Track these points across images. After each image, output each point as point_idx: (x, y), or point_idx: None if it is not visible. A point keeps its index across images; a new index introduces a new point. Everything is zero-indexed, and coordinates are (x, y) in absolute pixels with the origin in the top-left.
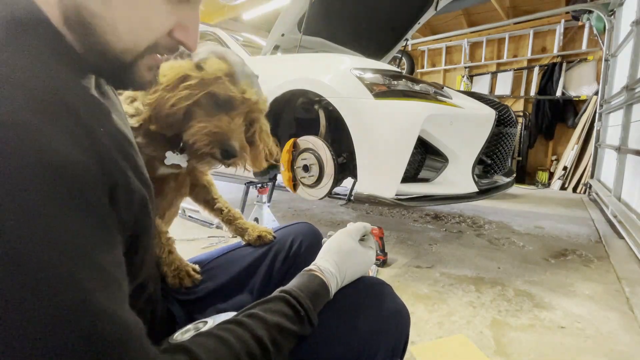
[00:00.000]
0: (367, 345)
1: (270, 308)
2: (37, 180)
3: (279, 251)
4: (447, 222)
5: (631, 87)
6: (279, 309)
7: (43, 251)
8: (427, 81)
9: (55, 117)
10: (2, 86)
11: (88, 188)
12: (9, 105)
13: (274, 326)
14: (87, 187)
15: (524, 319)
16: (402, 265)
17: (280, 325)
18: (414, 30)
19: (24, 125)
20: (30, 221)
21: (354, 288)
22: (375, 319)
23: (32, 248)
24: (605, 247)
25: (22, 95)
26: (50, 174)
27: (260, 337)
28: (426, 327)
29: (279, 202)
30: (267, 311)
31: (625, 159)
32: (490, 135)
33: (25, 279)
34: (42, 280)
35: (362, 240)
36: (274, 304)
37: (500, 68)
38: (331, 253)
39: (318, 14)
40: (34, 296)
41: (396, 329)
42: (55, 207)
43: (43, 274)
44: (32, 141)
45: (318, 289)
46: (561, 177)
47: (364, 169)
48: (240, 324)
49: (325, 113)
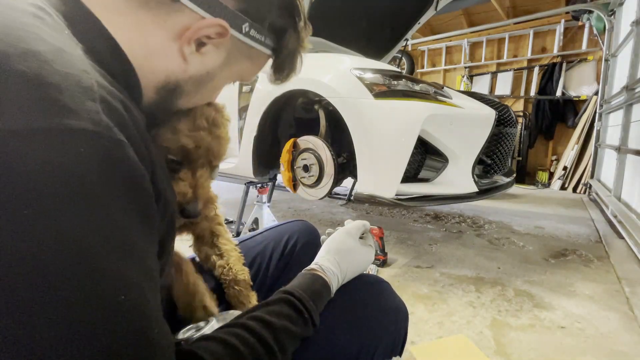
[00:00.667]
0: (365, 342)
1: (275, 310)
2: (102, 176)
3: (274, 249)
4: (447, 222)
5: (631, 87)
6: (283, 312)
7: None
8: (427, 81)
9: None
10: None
11: (146, 193)
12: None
13: (279, 329)
14: (145, 192)
15: (524, 319)
16: (402, 265)
17: (285, 327)
18: (414, 30)
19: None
20: (90, 213)
21: (352, 286)
22: (373, 316)
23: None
24: (605, 247)
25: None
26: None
27: (266, 341)
28: (426, 327)
29: (279, 202)
30: (272, 314)
31: (625, 159)
32: (490, 135)
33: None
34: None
35: (361, 238)
36: (278, 306)
37: (500, 68)
38: (332, 252)
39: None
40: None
41: (395, 326)
42: (118, 206)
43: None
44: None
45: (321, 290)
46: (561, 177)
47: (364, 169)
48: (246, 328)
49: (325, 113)
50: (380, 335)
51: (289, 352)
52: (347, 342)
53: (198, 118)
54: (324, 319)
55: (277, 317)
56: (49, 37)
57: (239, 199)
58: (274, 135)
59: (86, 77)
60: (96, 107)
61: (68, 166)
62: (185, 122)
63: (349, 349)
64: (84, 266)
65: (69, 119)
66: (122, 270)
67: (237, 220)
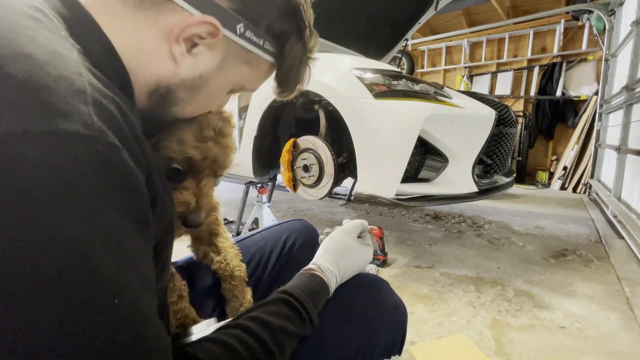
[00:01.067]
0: (364, 341)
1: (272, 310)
2: (96, 179)
3: (273, 248)
4: (447, 222)
5: (631, 87)
6: (281, 311)
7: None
8: (427, 81)
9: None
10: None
11: (140, 196)
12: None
13: (277, 329)
14: (139, 195)
15: (524, 319)
16: (402, 265)
17: (283, 328)
18: (414, 30)
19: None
20: (85, 214)
21: (351, 285)
22: (372, 314)
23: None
24: (605, 247)
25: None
26: (112, 177)
27: (265, 341)
28: (426, 327)
29: (279, 202)
30: (270, 314)
31: (625, 159)
32: (490, 135)
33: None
34: (94, 280)
35: (359, 237)
36: (275, 306)
37: (500, 68)
38: (330, 251)
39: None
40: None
41: (393, 324)
42: (114, 208)
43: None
44: (100, 150)
45: (318, 289)
46: (561, 177)
47: (364, 169)
48: (244, 329)
49: (325, 113)
50: (378, 334)
51: (287, 352)
52: (346, 341)
53: (205, 128)
54: (322, 318)
55: (275, 317)
56: (44, 38)
57: (239, 199)
58: (274, 135)
59: (79, 80)
60: (88, 110)
61: (61, 168)
62: (191, 133)
63: (348, 348)
64: (78, 268)
65: (60, 122)
66: (117, 273)
67: (237, 220)
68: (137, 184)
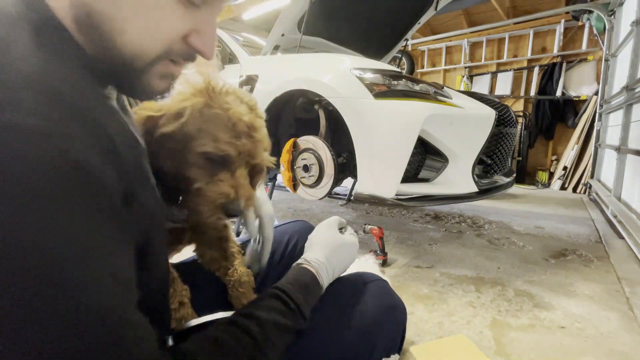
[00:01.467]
0: (365, 339)
1: (263, 305)
2: (57, 180)
3: (275, 250)
4: (447, 222)
5: (631, 87)
6: (271, 305)
7: (65, 251)
8: (427, 81)
9: (78, 122)
10: (28, 89)
11: (107, 192)
12: (35, 108)
13: (267, 323)
14: (105, 190)
15: (524, 319)
16: (402, 265)
17: (273, 321)
18: (414, 30)
19: (47, 129)
20: (50, 221)
21: (351, 284)
22: (372, 314)
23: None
24: (605, 247)
25: (47, 100)
26: (70, 176)
27: (255, 336)
28: (426, 327)
29: (279, 202)
30: (260, 308)
31: (625, 159)
32: (490, 135)
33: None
34: (66, 281)
35: (341, 231)
36: (266, 301)
37: (500, 68)
38: (314, 244)
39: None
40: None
41: (393, 323)
42: (75, 208)
43: (67, 275)
44: (55, 145)
45: (307, 281)
46: (561, 177)
47: (364, 169)
48: (236, 325)
49: (325, 113)
50: (378, 333)
51: (279, 344)
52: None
53: (236, 122)
54: (323, 317)
55: (265, 311)
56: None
57: None
58: (274, 136)
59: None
60: (42, 99)
61: (12, 167)
62: (224, 129)
63: (348, 346)
64: (40, 271)
65: (9, 114)
66: (84, 273)
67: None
68: (99, 177)
